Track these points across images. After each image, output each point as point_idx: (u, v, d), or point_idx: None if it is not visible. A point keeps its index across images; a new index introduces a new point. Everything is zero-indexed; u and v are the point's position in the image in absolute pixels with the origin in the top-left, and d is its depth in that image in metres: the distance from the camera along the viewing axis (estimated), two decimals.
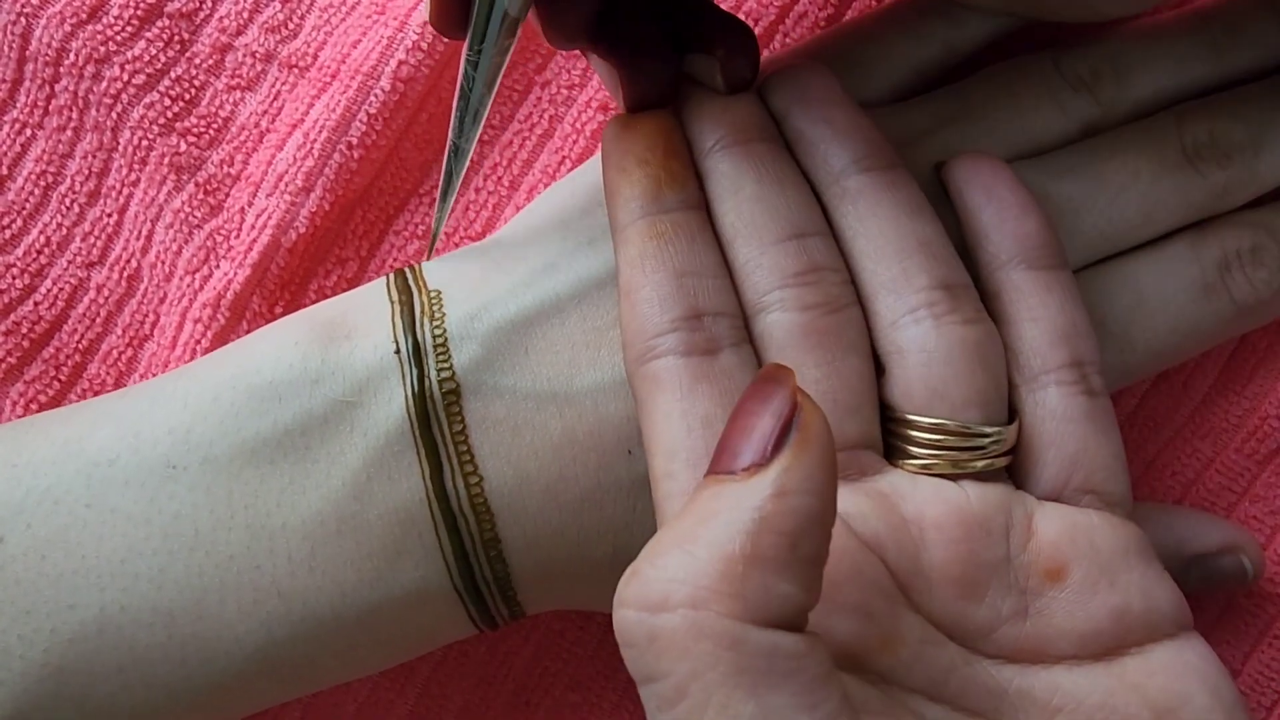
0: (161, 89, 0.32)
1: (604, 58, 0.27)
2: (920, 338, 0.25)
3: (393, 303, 0.27)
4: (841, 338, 0.25)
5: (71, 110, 0.33)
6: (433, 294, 0.27)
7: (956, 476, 0.25)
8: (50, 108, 0.33)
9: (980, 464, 0.25)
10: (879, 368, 0.26)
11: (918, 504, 0.25)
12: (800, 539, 0.20)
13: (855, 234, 0.26)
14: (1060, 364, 0.26)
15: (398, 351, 0.26)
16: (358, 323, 0.27)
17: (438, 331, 0.27)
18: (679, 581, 0.20)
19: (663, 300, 0.25)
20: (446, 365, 0.26)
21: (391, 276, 0.28)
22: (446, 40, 0.32)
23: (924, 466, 0.25)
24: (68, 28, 0.32)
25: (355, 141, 0.31)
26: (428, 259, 0.28)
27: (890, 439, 0.26)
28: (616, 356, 0.27)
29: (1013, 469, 0.26)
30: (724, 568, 0.20)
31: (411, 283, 0.28)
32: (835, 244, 0.26)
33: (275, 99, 0.33)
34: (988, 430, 0.25)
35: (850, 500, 0.24)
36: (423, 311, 0.27)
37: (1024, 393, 0.26)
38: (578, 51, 0.30)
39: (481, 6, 0.24)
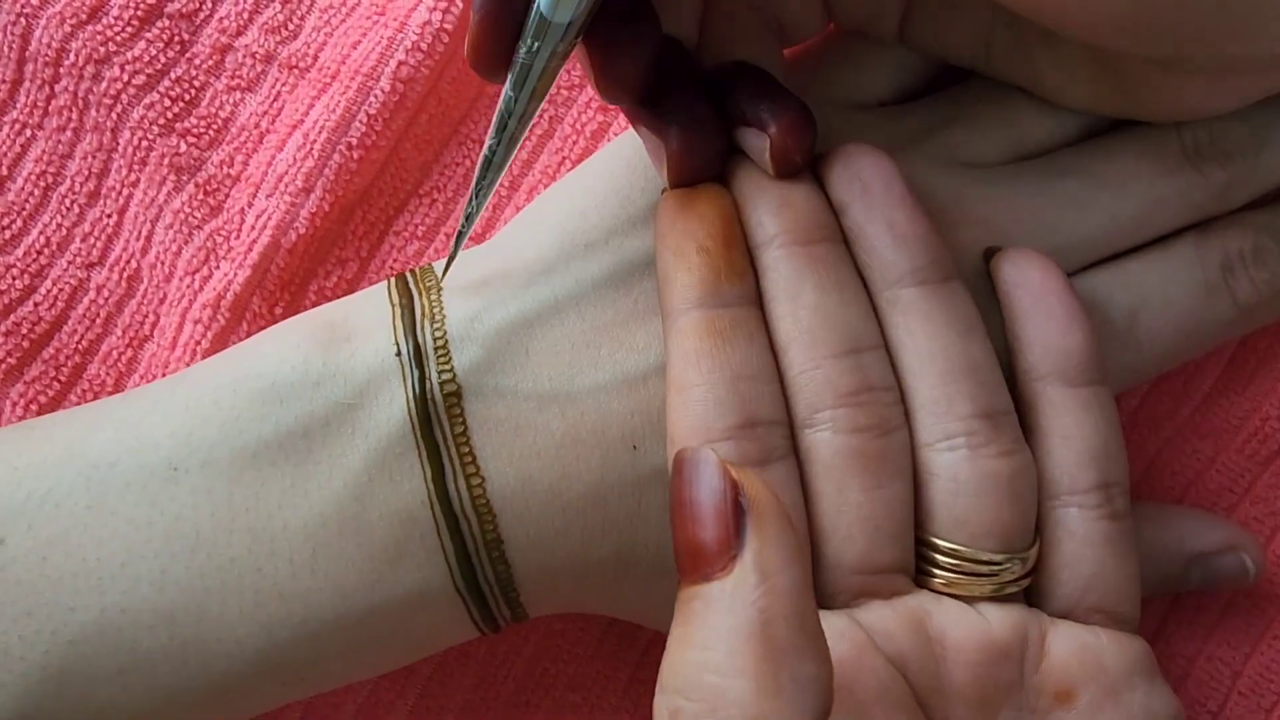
0: (161, 89, 0.32)
1: (651, 130, 0.26)
2: (952, 465, 0.25)
3: (393, 305, 0.27)
4: (888, 463, 0.25)
5: (71, 111, 0.33)
6: (433, 297, 0.27)
7: (972, 600, 0.25)
8: (50, 108, 0.33)
9: (990, 589, 0.25)
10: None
11: (941, 624, 0.25)
12: (804, 614, 0.20)
13: (904, 348, 0.26)
14: (1087, 486, 0.26)
15: (399, 354, 0.26)
16: (359, 325, 0.27)
17: (438, 334, 0.27)
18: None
19: (719, 404, 0.25)
20: (447, 367, 0.26)
21: (393, 280, 0.28)
22: (446, 41, 0.32)
23: (945, 584, 0.25)
24: (67, 28, 0.32)
25: (355, 142, 0.31)
26: (444, 277, 0.28)
27: (916, 556, 0.26)
28: (617, 355, 0.27)
29: (1031, 582, 0.26)
30: (756, 683, 0.19)
31: (412, 285, 0.28)
32: (889, 358, 0.26)
33: (275, 100, 0.33)
34: (998, 558, 0.25)
35: (879, 618, 0.25)
36: (423, 314, 0.27)
37: (1046, 509, 0.26)
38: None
39: (524, 59, 0.24)
